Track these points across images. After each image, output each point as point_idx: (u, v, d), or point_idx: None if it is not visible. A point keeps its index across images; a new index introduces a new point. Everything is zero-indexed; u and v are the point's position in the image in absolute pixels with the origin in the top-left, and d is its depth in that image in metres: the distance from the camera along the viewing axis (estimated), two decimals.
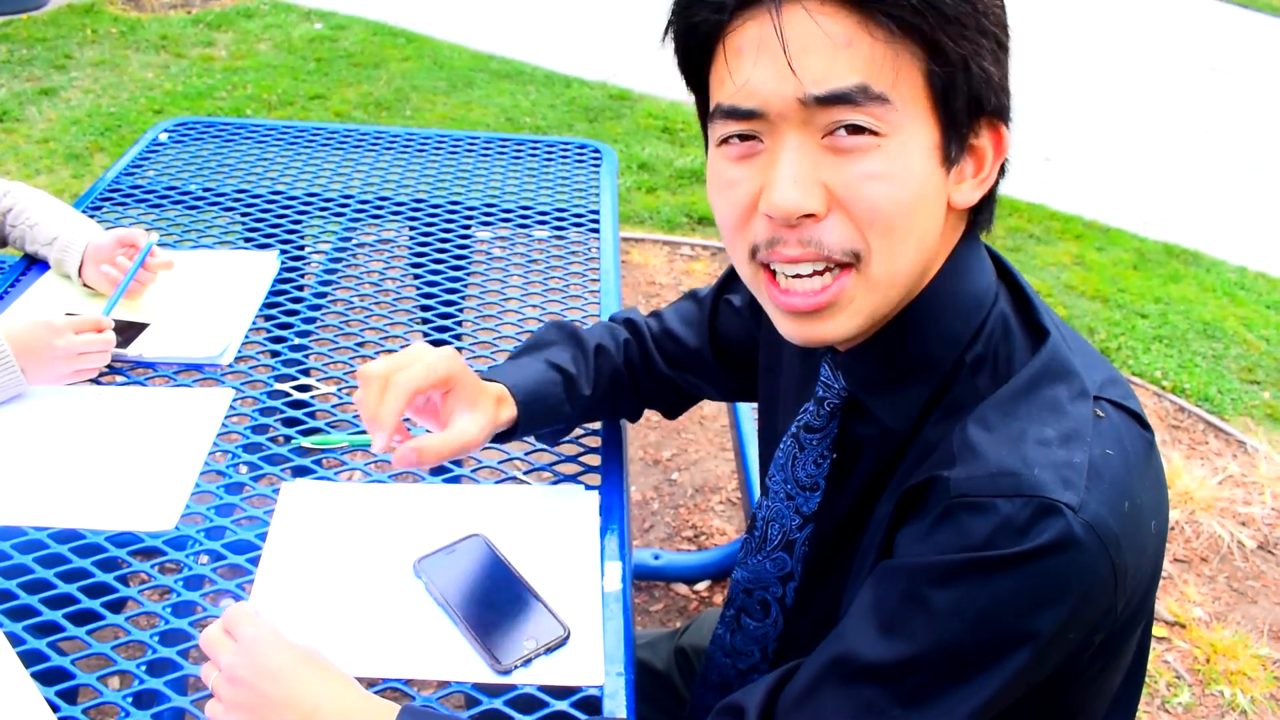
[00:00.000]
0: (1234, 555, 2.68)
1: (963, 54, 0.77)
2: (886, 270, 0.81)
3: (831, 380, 0.93)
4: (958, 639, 0.76)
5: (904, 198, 0.79)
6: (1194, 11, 8.51)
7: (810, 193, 0.78)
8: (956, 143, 0.81)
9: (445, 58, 5.36)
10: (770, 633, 1.06)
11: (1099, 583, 0.75)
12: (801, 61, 0.76)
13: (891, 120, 0.77)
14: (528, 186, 2.01)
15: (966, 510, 0.76)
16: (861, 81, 0.76)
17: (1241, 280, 4.14)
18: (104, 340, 1.37)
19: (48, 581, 1.09)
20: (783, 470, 1.00)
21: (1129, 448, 0.80)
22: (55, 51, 5.05)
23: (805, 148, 0.79)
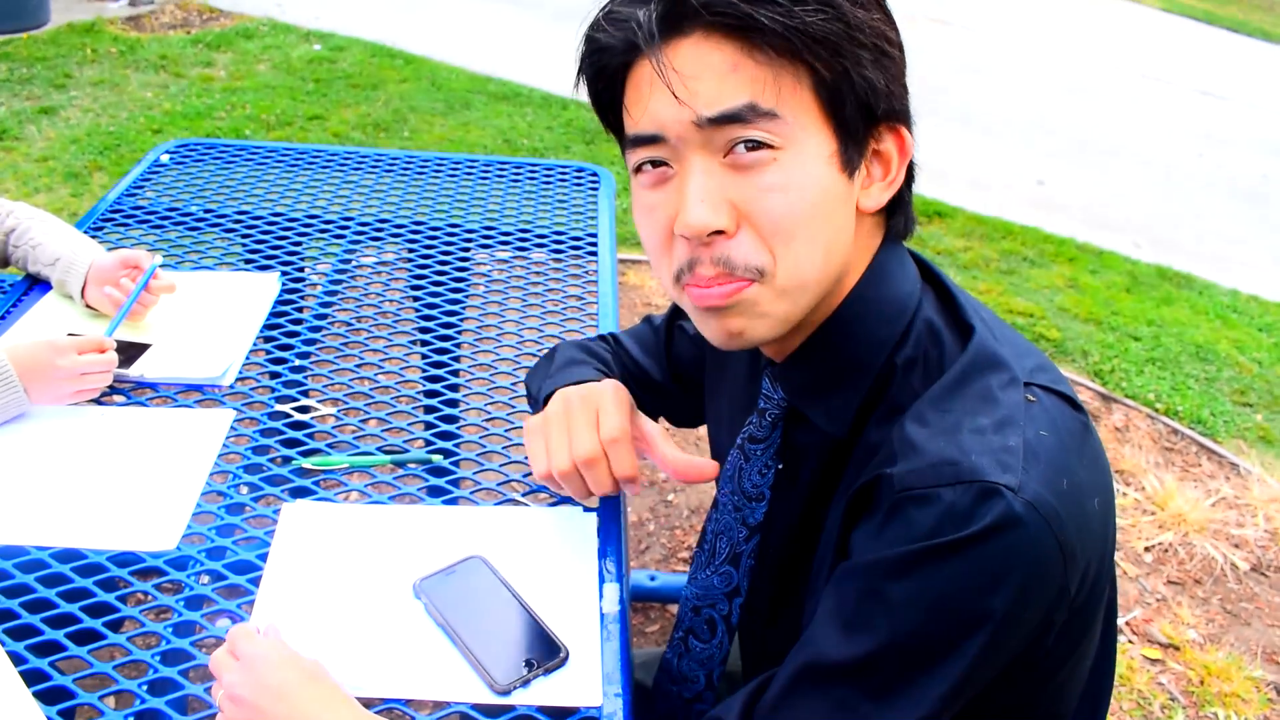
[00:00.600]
0: (1227, 577, 2.69)
1: (842, 67, 0.81)
2: (792, 277, 0.85)
3: (771, 391, 0.96)
4: (917, 628, 0.78)
5: (804, 206, 0.83)
6: (1187, 36, 8.58)
7: (718, 210, 0.83)
8: (855, 149, 0.85)
9: (443, 79, 5.39)
10: (715, 654, 1.07)
11: (1046, 559, 0.77)
12: (693, 88, 0.81)
13: (784, 133, 0.81)
14: (526, 209, 2.03)
15: (912, 503, 0.78)
16: (749, 100, 0.80)
17: (1234, 303, 4.17)
18: (106, 361, 1.38)
19: (49, 601, 1.09)
20: (730, 482, 1.02)
21: (1062, 428, 0.83)
22: (55, 70, 5.08)
23: (709, 168, 0.83)
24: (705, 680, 1.09)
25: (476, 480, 1.30)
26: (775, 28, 0.79)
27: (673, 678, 1.12)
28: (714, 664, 1.08)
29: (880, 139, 0.87)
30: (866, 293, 0.89)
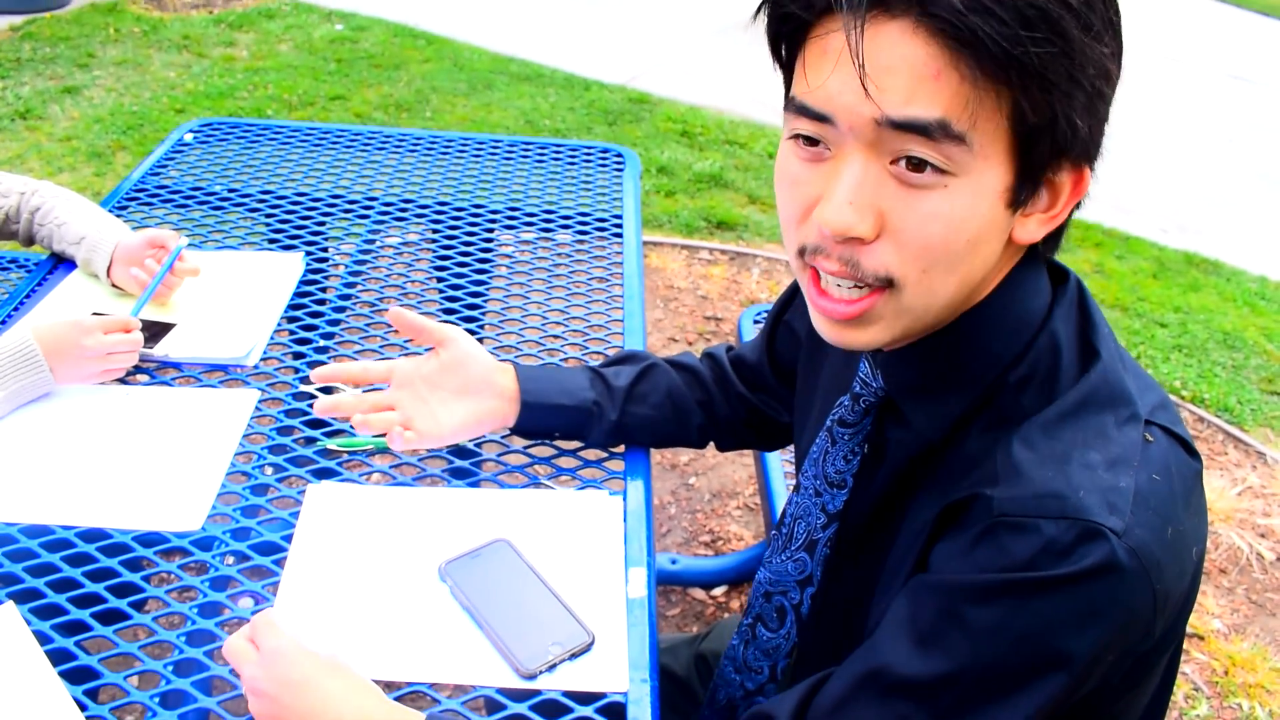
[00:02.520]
0: (1253, 567, 2.66)
1: (1051, 107, 0.73)
2: (921, 300, 0.80)
3: (870, 378, 0.92)
4: (996, 658, 0.76)
5: (959, 241, 0.77)
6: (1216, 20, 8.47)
7: (863, 217, 0.76)
8: (1029, 186, 0.78)
9: (465, 60, 5.37)
10: (782, 646, 1.05)
11: (1139, 609, 0.75)
12: (883, 81, 0.72)
13: (963, 161, 0.74)
14: (550, 190, 2.01)
15: (1009, 530, 0.76)
16: (942, 116, 0.72)
17: (1262, 290, 4.12)
18: (132, 341, 1.37)
19: (75, 580, 1.09)
20: (815, 465, 0.99)
21: (1175, 474, 0.80)
22: (78, 50, 5.08)
23: (869, 169, 0.76)
24: (769, 672, 1.07)
25: (501, 462, 1.30)
26: (994, 48, 0.70)
27: (737, 666, 1.10)
28: (779, 655, 1.06)
29: (1057, 171, 0.79)
30: (992, 309, 0.84)
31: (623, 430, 1.28)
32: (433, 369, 1.22)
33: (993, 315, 0.85)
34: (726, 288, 3.61)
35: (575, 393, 1.26)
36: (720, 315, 3.45)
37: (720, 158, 4.54)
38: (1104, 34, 0.74)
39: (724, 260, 3.79)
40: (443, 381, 1.22)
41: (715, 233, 3.97)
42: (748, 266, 3.77)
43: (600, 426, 1.26)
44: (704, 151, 4.60)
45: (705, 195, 4.21)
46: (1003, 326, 0.85)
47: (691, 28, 6.21)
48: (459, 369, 1.22)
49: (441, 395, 1.22)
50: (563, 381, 1.27)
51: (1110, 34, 0.75)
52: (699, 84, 5.32)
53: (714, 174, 4.35)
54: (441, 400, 1.21)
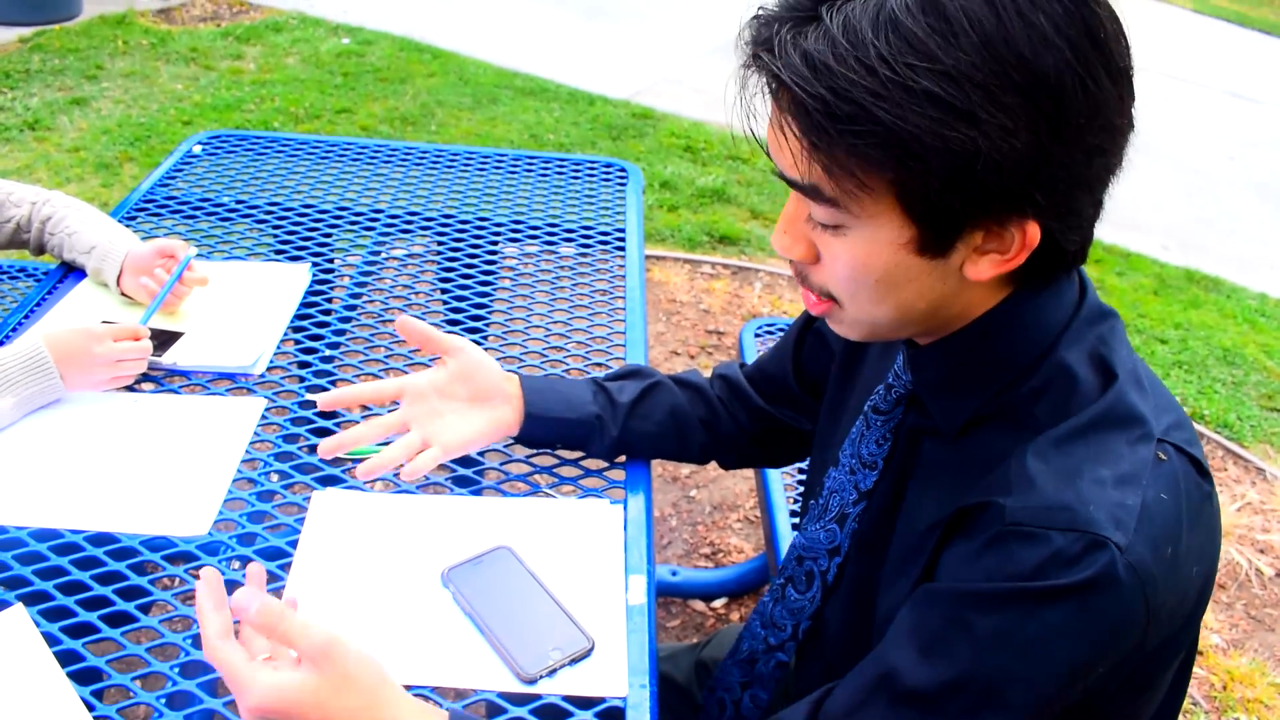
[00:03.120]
0: (1252, 583, 2.67)
1: (922, 177, 0.75)
2: (864, 317, 0.89)
3: (901, 371, 0.98)
4: (999, 666, 0.79)
5: (867, 279, 0.85)
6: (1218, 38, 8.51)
7: (796, 244, 0.87)
8: (943, 238, 0.80)
9: (470, 74, 5.41)
10: (806, 608, 1.09)
11: (1130, 622, 0.78)
12: (778, 144, 0.82)
13: (846, 219, 0.81)
14: (554, 204, 2.04)
15: (1018, 539, 0.79)
16: (814, 184, 0.80)
17: (1262, 307, 4.13)
18: (141, 349, 1.39)
19: (83, 583, 1.11)
20: (852, 444, 1.04)
21: (1183, 492, 0.82)
22: (87, 62, 5.12)
23: (801, 206, 0.86)
24: (792, 630, 1.11)
25: (504, 471, 1.31)
26: (819, 139, 0.77)
27: (764, 622, 1.14)
28: (803, 616, 1.10)
29: (991, 227, 0.79)
30: (998, 319, 0.88)
31: (624, 445, 1.30)
32: (444, 379, 1.23)
33: (1000, 326, 0.88)
34: (729, 302, 3.63)
35: (578, 406, 1.28)
36: (722, 329, 3.47)
37: (723, 173, 4.57)
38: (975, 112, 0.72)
39: (726, 275, 3.81)
40: (455, 391, 1.23)
41: (718, 247, 3.99)
42: (750, 281, 3.79)
43: (602, 440, 1.28)
44: (707, 166, 4.63)
45: (708, 210, 4.24)
46: (1010, 338, 0.88)
47: (695, 44, 6.24)
48: (470, 378, 1.23)
49: (455, 405, 1.23)
50: (566, 394, 1.29)
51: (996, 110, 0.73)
52: (702, 99, 5.35)
53: (717, 189, 4.38)
54: (456, 410, 1.23)
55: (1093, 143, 0.78)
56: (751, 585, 2.47)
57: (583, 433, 1.28)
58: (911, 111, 0.72)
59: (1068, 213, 0.80)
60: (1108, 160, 0.81)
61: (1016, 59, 0.72)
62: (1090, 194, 0.82)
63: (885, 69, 0.72)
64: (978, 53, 0.72)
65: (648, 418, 1.30)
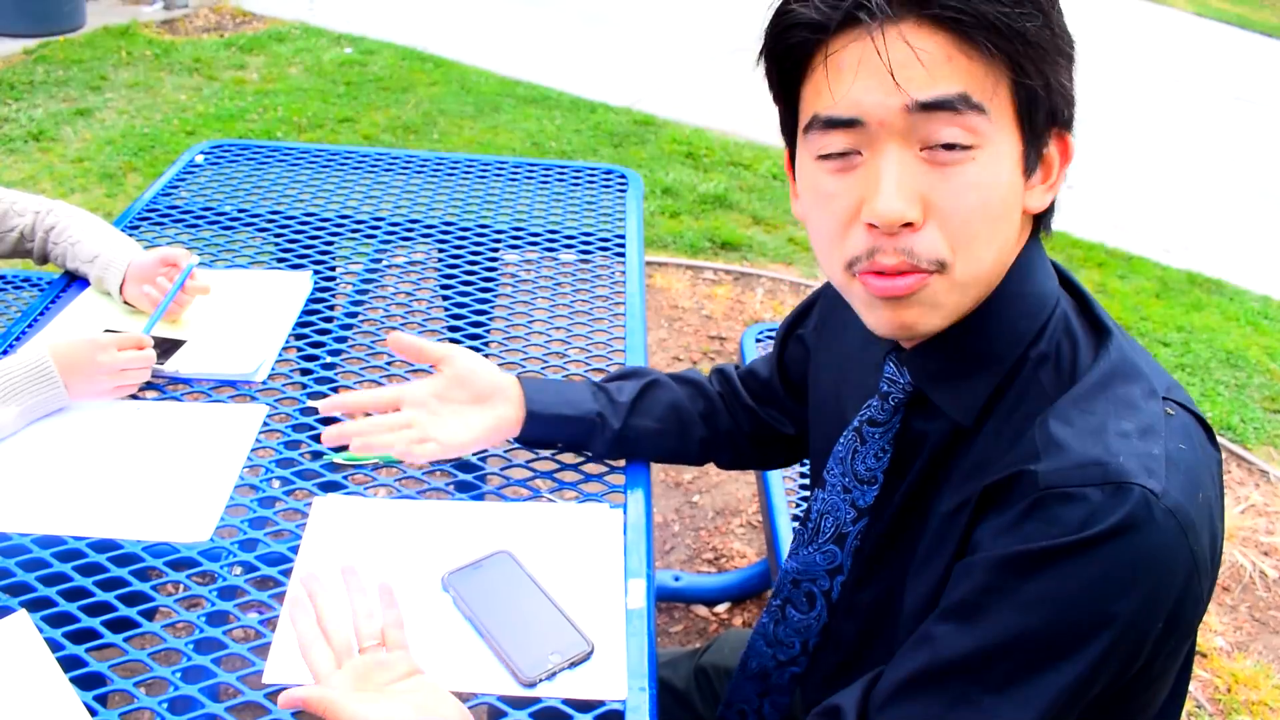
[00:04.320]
0: (1256, 585, 2.67)
1: (1044, 73, 0.83)
2: (970, 273, 0.86)
3: (896, 376, 0.97)
4: (1044, 625, 0.79)
5: (994, 207, 0.84)
6: (1219, 40, 8.51)
7: (911, 202, 0.82)
8: (1035, 153, 0.87)
9: (472, 83, 5.43)
10: (813, 626, 1.09)
11: (1177, 568, 0.78)
12: (903, 74, 0.81)
13: (984, 132, 0.82)
14: (555, 210, 2.04)
15: (1057, 500, 0.79)
16: (963, 90, 0.81)
17: (1265, 309, 4.13)
18: (145, 358, 1.40)
19: (86, 589, 1.12)
20: (841, 463, 1.03)
21: (1197, 445, 0.84)
22: (91, 73, 5.15)
23: (905, 159, 0.83)
24: (801, 646, 1.11)
25: (504, 476, 1.32)
26: (997, 25, 0.80)
27: (768, 640, 1.14)
28: (810, 634, 1.09)
29: (1048, 144, 0.88)
30: (1011, 287, 0.90)
31: (625, 441, 1.30)
32: (442, 385, 1.25)
33: (1014, 292, 0.90)
34: (731, 308, 3.64)
35: (578, 404, 1.29)
36: (724, 335, 3.47)
37: (725, 179, 4.58)
38: (1060, 10, 0.85)
39: (728, 280, 3.82)
40: (453, 394, 1.25)
41: (720, 253, 4.00)
42: (752, 287, 3.80)
43: (603, 437, 1.29)
44: (708, 173, 4.64)
45: (710, 216, 4.25)
46: (1022, 303, 0.90)
47: (696, 51, 6.26)
48: (467, 381, 1.25)
49: (455, 407, 1.25)
50: (566, 394, 1.30)
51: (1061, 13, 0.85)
52: (703, 106, 5.36)
53: (718, 195, 4.39)
54: (456, 412, 1.24)
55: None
56: (754, 590, 2.47)
57: (584, 430, 1.29)
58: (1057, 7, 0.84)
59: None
60: None
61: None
62: None
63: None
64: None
65: (648, 414, 1.30)
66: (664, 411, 1.31)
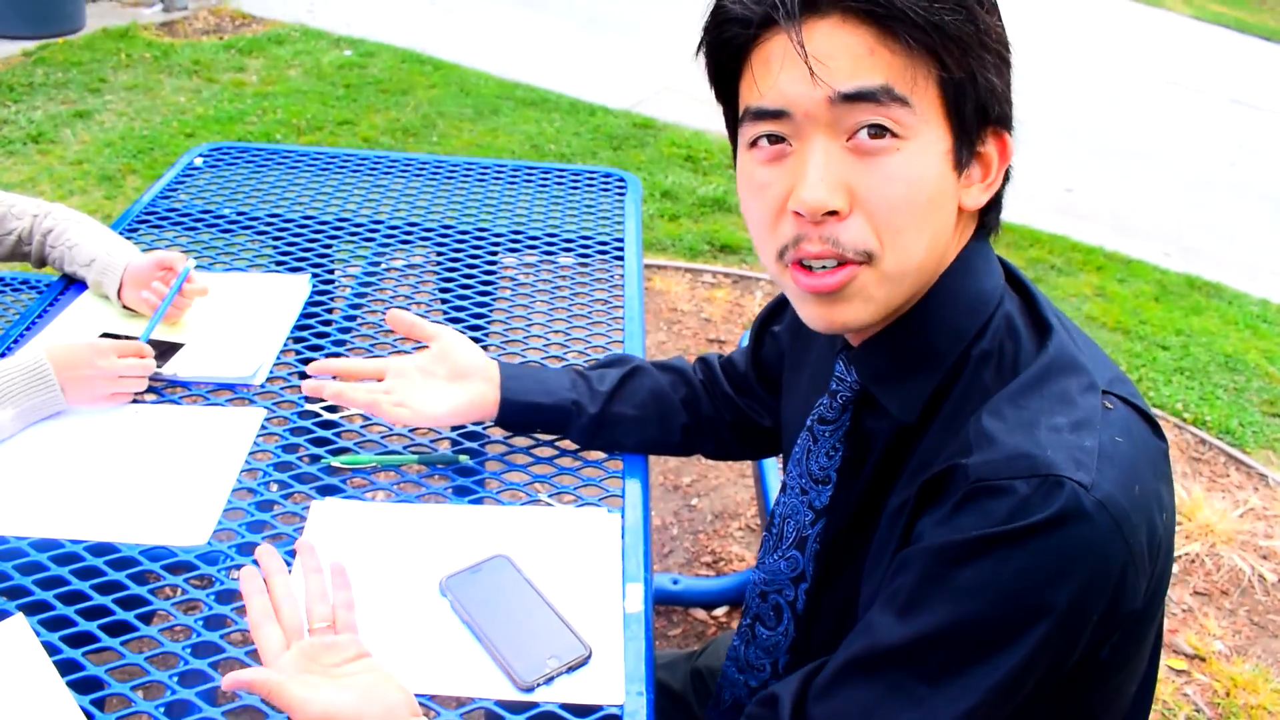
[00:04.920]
0: (1255, 589, 2.67)
1: (969, 67, 0.84)
2: (898, 265, 0.87)
3: (845, 374, 0.98)
4: (978, 614, 0.79)
5: (920, 199, 0.85)
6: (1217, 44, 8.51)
7: (835, 191, 0.84)
8: (966, 148, 0.87)
9: (472, 85, 5.43)
10: (781, 642, 1.08)
11: (1110, 558, 0.78)
12: (827, 67, 0.82)
13: (910, 124, 0.83)
14: (553, 214, 2.04)
15: (986, 494, 0.80)
16: (885, 82, 0.82)
17: (1264, 313, 4.13)
18: (144, 366, 1.40)
19: (83, 593, 1.11)
20: (798, 465, 1.04)
21: (1137, 438, 0.84)
22: (90, 75, 5.15)
23: (830, 149, 0.84)
24: (771, 668, 1.10)
25: (502, 480, 1.32)
26: (915, 19, 0.81)
27: (740, 666, 1.14)
28: (780, 652, 1.09)
29: (985, 141, 0.89)
30: (952, 284, 0.91)
31: (603, 428, 1.32)
32: (425, 360, 1.31)
33: (954, 290, 0.91)
34: (729, 311, 3.64)
35: (555, 392, 1.31)
36: (723, 338, 3.47)
37: (723, 182, 4.58)
38: (994, 12, 0.86)
39: (727, 283, 3.82)
40: (435, 369, 1.30)
41: (718, 256, 4.00)
42: (750, 290, 3.80)
43: (578, 424, 1.31)
44: (707, 176, 4.64)
45: (708, 219, 4.25)
46: (964, 301, 0.91)
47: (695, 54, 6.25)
48: (449, 357, 1.30)
49: (435, 383, 1.29)
50: (545, 381, 1.32)
51: (998, 14, 0.87)
52: (703, 109, 5.35)
53: (717, 198, 4.39)
54: (435, 386, 1.29)
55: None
56: None
57: (560, 417, 1.32)
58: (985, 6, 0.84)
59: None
60: None
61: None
62: None
63: None
64: None
65: (628, 401, 1.32)
66: (644, 398, 1.32)
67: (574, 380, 1.32)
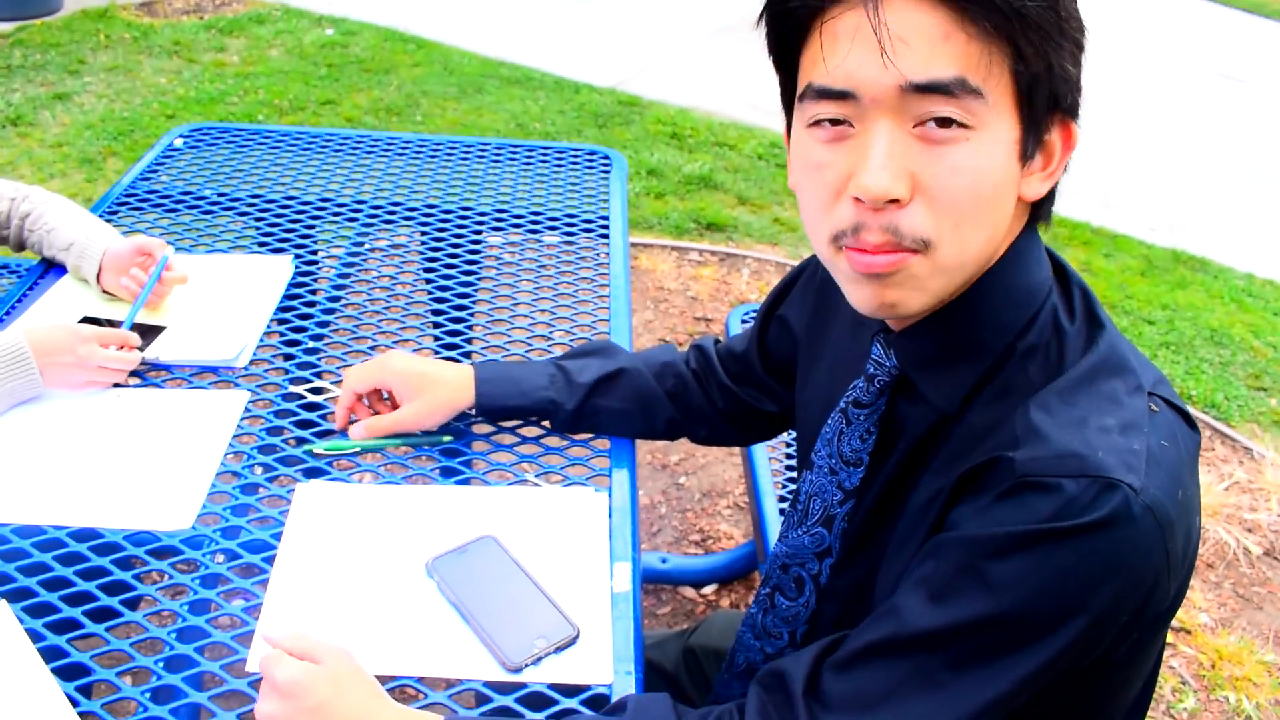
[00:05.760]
0: (1240, 561, 2.68)
1: (1047, 56, 0.80)
2: (955, 256, 0.84)
3: (883, 358, 0.96)
4: (1014, 608, 0.79)
5: (985, 191, 0.82)
6: (1205, 18, 8.51)
7: (899, 178, 0.81)
8: (1034, 139, 0.84)
9: (455, 64, 5.39)
10: (801, 613, 1.08)
11: (1152, 564, 0.78)
12: (900, 51, 0.78)
13: (980, 114, 0.80)
14: (538, 192, 2.03)
15: (1033, 490, 0.79)
16: (959, 74, 0.78)
17: (1249, 287, 4.14)
18: (126, 360, 1.38)
19: (67, 579, 1.11)
20: (828, 445, 1.02)
21: (1180, 443, 0.84)
22: (69, 56, 5.09)
23: (896, 135, 0.81)
24: (789, 637, 1.10)
25: (489, 461, 1.31)
26: (997, 3, 0.77)
27: (756, 633, 1.13)
28: (799, 622, 1.09)
29: (1050, 129, 0.86)
30: (1002, 276, 0.88)
31: (583, 419, 1.32)
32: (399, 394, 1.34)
33: (1004, 282, 0.88)
34: (716, 289, 3.63)
35: (531, 393, 1.31)
36: (710, 316, 3.47)
37: (710, 160, 4.56)
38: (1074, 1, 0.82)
39: (714, 261, 3.81)
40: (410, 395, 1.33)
41: (705, 234, 3.99)
42: (737, 267, 3.79)
43: (558, 418, 1.32)
44: (693, 153, 4.63)
45: (695, 197, 4.23)
46: (1012, 294, 0.88)
47: (681, 31, 6.23)
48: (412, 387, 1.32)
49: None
50: (520, 382, 1.32)
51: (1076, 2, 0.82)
52: (688, 86, 5.34)
53: (703, 176, 4.38)
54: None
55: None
56: (741, 571, 2.47)
57: (538, 413, 1.33)
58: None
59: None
60: None
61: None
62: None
63: None
64: None
65: (611, 394, 1.32)
66: (627, 394, 1.32)
67: (551, 376, 1.32)
